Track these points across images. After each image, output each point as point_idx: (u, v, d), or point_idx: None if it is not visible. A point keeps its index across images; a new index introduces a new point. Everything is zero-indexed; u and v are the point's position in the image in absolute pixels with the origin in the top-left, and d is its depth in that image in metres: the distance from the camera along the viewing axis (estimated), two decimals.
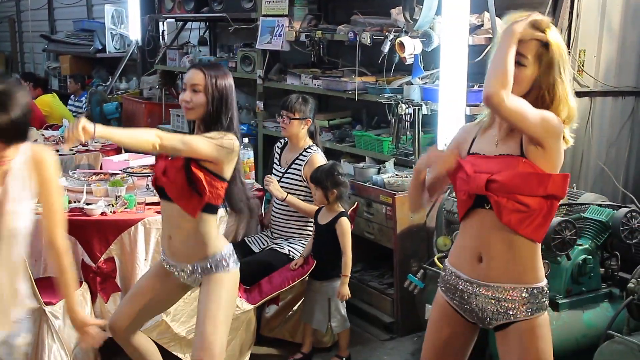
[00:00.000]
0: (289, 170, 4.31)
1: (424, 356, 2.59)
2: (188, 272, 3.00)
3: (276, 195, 4.20)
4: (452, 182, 2.47)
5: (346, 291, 3.83)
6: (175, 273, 3.05)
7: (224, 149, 2.83)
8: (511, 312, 2.34)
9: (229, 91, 2.95)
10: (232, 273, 3.01)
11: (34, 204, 2.37)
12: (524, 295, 2.32)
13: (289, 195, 4.19)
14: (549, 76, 2.26)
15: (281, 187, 4.30)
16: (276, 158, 4.49)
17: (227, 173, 2.91)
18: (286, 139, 4.46)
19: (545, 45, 2.26)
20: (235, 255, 3.05)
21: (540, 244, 2.37)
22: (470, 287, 2.38)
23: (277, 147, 4.53)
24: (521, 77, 2.23)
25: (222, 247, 3.00)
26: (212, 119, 2.91)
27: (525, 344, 2.35)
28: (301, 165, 4.25)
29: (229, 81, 2.97)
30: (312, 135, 4.37)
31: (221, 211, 3.18)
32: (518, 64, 2.22)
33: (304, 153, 4.29)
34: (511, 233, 2.29)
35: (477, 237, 2.37)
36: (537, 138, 2.21)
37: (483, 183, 2.27)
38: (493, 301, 2.35)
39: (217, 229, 3.05)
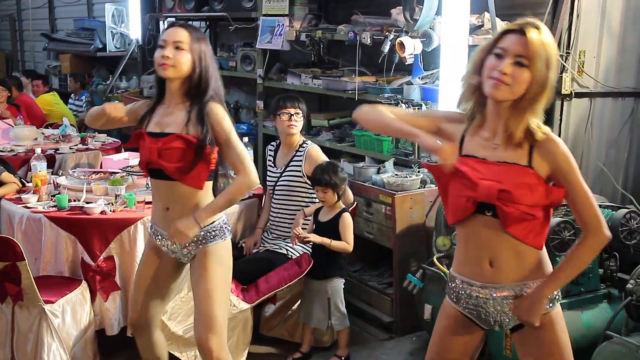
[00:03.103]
0: (287, 170, 4.30)
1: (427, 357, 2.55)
2: (182, 244, 2.93)
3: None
4: (444, 184, 2.37)
5: (315, 238, 3.82)
6: (165, 248, 3.01)
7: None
8: None
9: (211, 57, 2.90)
10: (227, 241, 2.99)
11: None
12: None
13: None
14: (541, 74, 2.19)
15: (280, 186, 4.30)
16: (270, 160, 4.45)
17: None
18: (278, 140, 4.45)
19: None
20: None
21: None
22: (487, 292, 2.34)
23: (270, 149, 4.49)
24: (522, 78, 2.17)
25: (220, 214, 2.97)
26: (198, 88, 2.83)
27: (543, 338, 2.34)
28: (299, 162, 4.24)
29: (210, 47, 2.91)
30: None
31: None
32: (519, 64, 2.17)
33: (300, 149, 4.29)
34: (516, 239, 2.27)
35: (484, 243, 2.32)
36: None
37: (494, 192, 2.21)
38: (510, 301, 2.33)
39: (212, 194, 3.01)
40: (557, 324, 2.35)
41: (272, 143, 4.54)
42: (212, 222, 2.93)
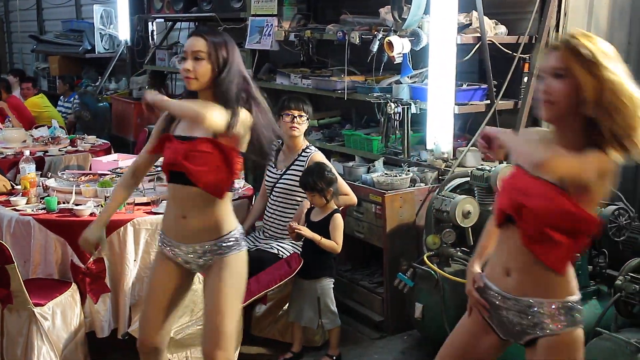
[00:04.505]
0: (288, 172, 4.24)
1: (441, 354, 2.50)
2: (198, 253, 2.84)
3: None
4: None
5: (307, 232, 3.80)
6: (179, 258, 2.89)
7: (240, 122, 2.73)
8: (539, 327, 2.23)
9: (236, 60, 2.76)
10: (243, 253, 2.90)
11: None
12: (552, 309, 2.22)
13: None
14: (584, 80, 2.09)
15: (278, 188, 4.26)
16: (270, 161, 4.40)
17: (244, 146, 2.83)
18: (280, 141, 4.41)
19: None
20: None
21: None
22: (500, 300, 2.30)
23: None
24: (558, 90, 2.10)
25: (237, 225, 2.90)
26: (227, 92, 2.73)
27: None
28: (301, 167, 4.16)
29: (235, 49, 2.78)
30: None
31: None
32: (557, 76, 2.10)
33: (303, 154, 4.23)
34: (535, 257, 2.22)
35: (507, 251, 2.29)
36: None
37: (515, 205, 2.18)
38: (522, 315, 2.25)
39: (231, 205, 2.92)
40: (569, 349, 2.25)
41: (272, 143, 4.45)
42: (228, 233, 2.85)
